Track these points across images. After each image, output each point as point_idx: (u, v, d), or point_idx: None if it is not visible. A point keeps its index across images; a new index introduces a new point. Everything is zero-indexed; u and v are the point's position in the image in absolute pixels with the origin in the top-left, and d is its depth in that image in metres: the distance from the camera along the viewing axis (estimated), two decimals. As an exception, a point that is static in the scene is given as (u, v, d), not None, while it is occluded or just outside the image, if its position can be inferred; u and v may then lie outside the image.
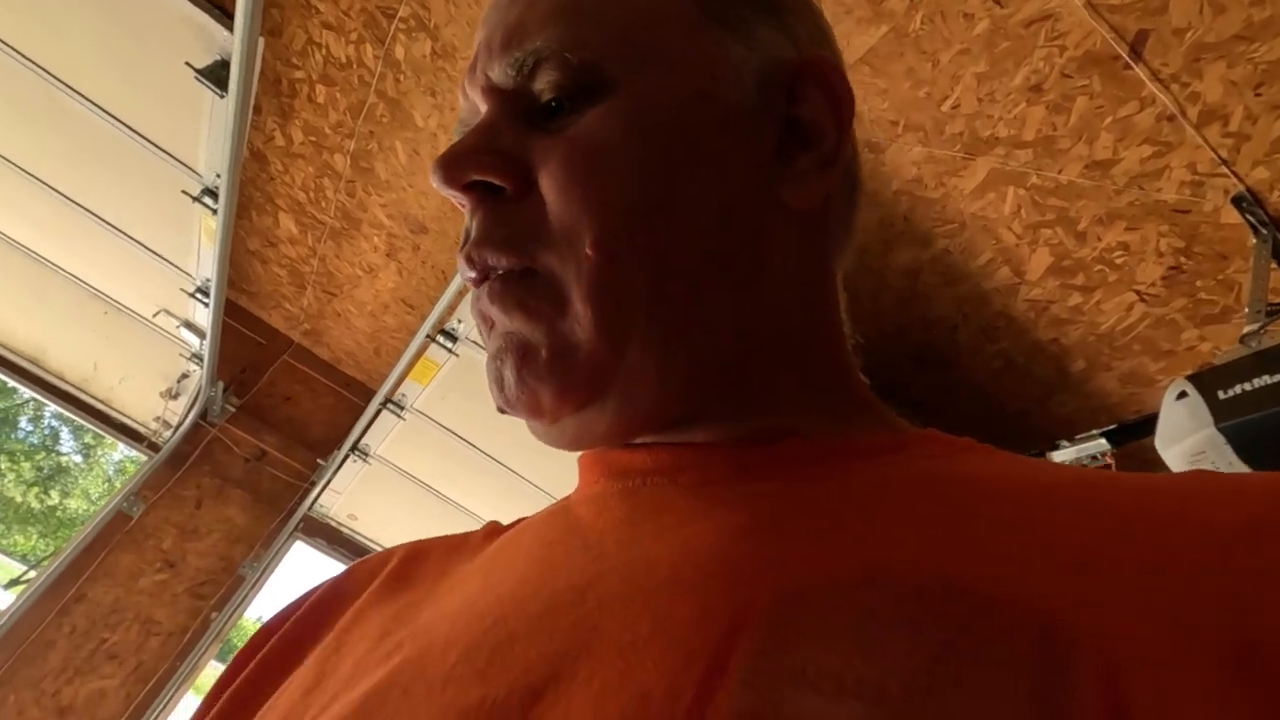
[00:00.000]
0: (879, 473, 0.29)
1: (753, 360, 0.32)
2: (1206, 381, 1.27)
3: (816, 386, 0.34)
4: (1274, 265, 1.41)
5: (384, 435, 2.43)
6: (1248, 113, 1.29)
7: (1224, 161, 1.35)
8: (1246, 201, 1.39)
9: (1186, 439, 1.31)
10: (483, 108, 0.34)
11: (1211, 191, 1.41)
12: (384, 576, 0.36)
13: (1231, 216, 1.42)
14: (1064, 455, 1.62)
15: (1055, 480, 0.26)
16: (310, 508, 2.70)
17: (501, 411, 0.33)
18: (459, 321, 1.93)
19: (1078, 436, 1.61)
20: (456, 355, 1.98)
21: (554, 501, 0.37)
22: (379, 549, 2.89)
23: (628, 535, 0.28)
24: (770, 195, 0.33)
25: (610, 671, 0.21)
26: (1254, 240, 1.41)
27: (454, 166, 0.32)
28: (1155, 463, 1.54)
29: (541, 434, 0.34)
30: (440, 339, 1.97)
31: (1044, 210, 1.53)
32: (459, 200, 0.33)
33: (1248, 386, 1.24)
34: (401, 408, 2.27)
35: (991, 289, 1.68)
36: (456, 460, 2.36)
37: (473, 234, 0.32)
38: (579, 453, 0.36)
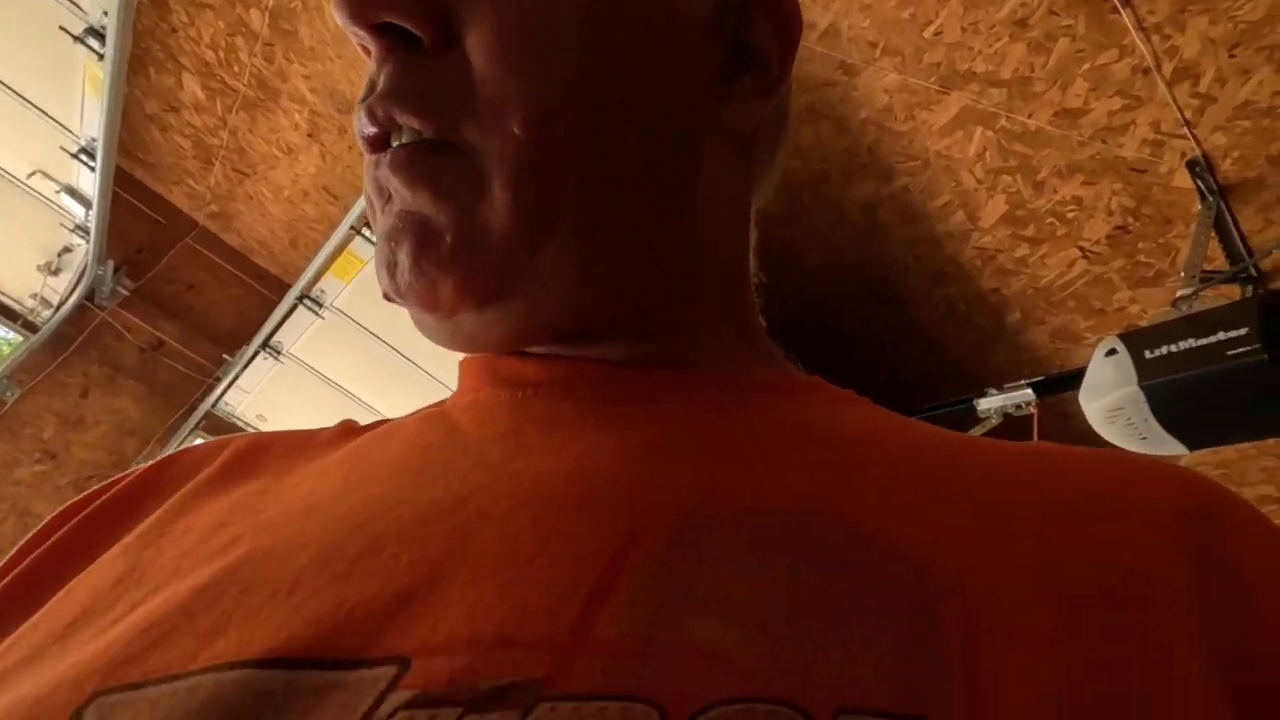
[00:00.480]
0: (773, 412, 0.29)
1: (666, 279, 0.31)
2: (1136, 341, 1.31)
3: (722, 318, 0.33)
4: (1213, 234, 1.44)
5: (299, 333, 2.26)
6: (1219, 74, 1.28)
7: (1187, 123, 1.35)
8: (1200, 166, 1.41)
9: (1108, 395, 1.35)
10: None
11: (1169, 153, 1.41)
12: (218, 465, 0.31)
13: (1183, 180, 1.43)
14: (991, 402, 1.66)
15: (927, 438, 0.28)
16: (214, 405, 2.52)
17: (388, 299, 0.30)
18: (388, 215, 1.78)
19: (1006, 385, 1.65)
20: (384, 252, 1.84)
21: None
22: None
23: (514, 446, 0.27)
24: (710, 111, 0.32)
25: (489, 583, 0.20)
26: (1199, 206, 1.44)
27: (372, 9, 0.27)
28: (1073, 416, 1.60)
29: (431, 329, 0.31)
30: (366, 233, 1.80)
31: (1008, 155, 1.50)
32: (365, 43, 0.29)
33: (1174, 348, 1.28)
34: (320, 305, 2.10)
35: (945, 233, 1.66)
36: (379, 365, 2.22)
37: (379, 86, 0.28)
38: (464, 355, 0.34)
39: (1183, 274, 1.38)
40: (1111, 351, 1.35)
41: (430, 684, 0.17)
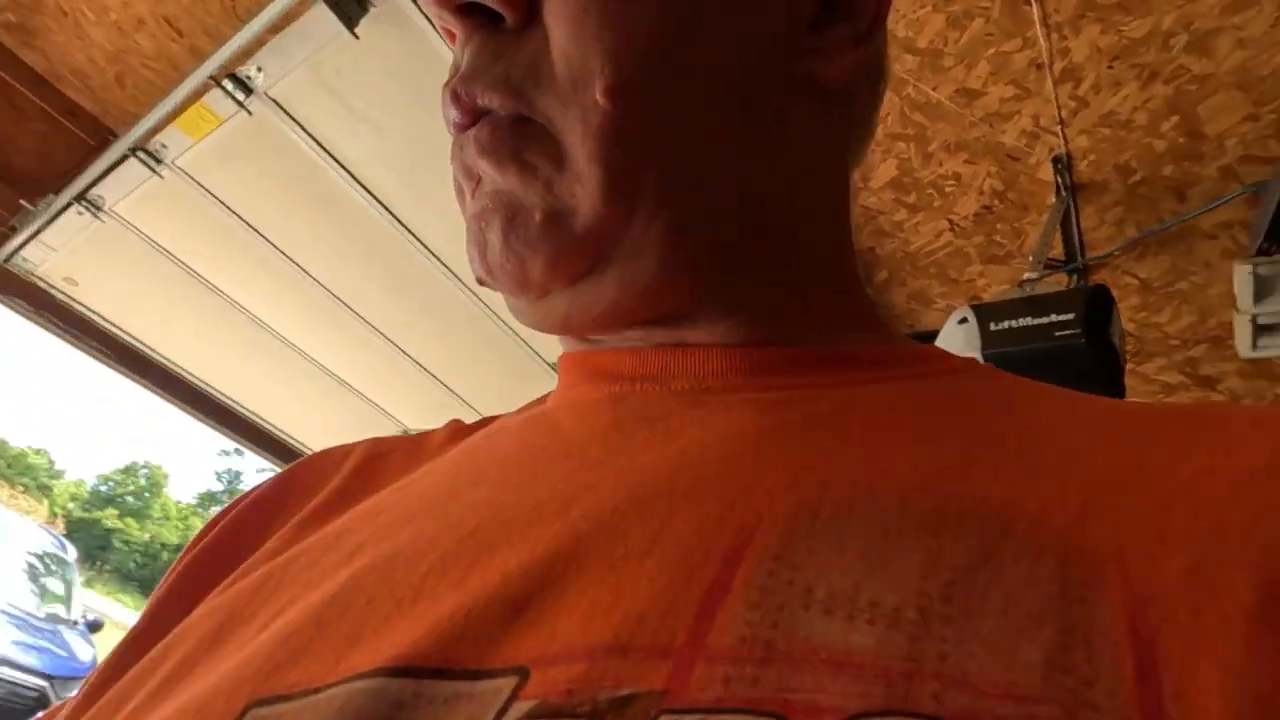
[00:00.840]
0: (886, 386, 0.27)
1: (759, 247, 0.30)
2: (984, 313, 1.47)
3: (821, 289, 0.32)
4: (1058, 230, 1.62)
5: (127, 189, 1.93)
6: (1096, 81, 1.41)
7: (1061, 121, 1.49)
8: (1062, 164, 1.56)
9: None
10: None
11: (1040, 146, 1.55)
12: (341, 478, 0.33)
13: (1046, 174, 1.59)
14: (853, 352, 1.80)
15: (1065, 404, 0.25)
16: (9, 259, 2.13)
17: (481, 283, 0.30)
18: (258, 70, 1.53)
19: (868, 338, 1.79)
20: (249, 112, 1.59)
21: (502, 415, 0.35)
22: (103, 323, 2.42)
23: (617, 443, 0.26)
24: (797, 64, 0.30)
25: (601, 588, 0.20)
26: (1053, 200, 1.61)
27: None
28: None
29: (526, 314, 0.31)
30: (228, 85, 1.56)
31: (907, 123, 1.58)
32: (450, 25, 0.30)
33: (1014, 324, 1.45)
34: (158, 161, 1.81)
35: (838, 187, 1.73)
36: (227, 241, 1.97)
37: (463, 67, 0.29)
38: (543, 334, 0.33)
39: (1031, 258, 1.55)
40: (964, 320, 1.50)
41: (549, 694, 0.17)
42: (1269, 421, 0.22)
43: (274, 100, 1.58)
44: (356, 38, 1.45)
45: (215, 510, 0.36)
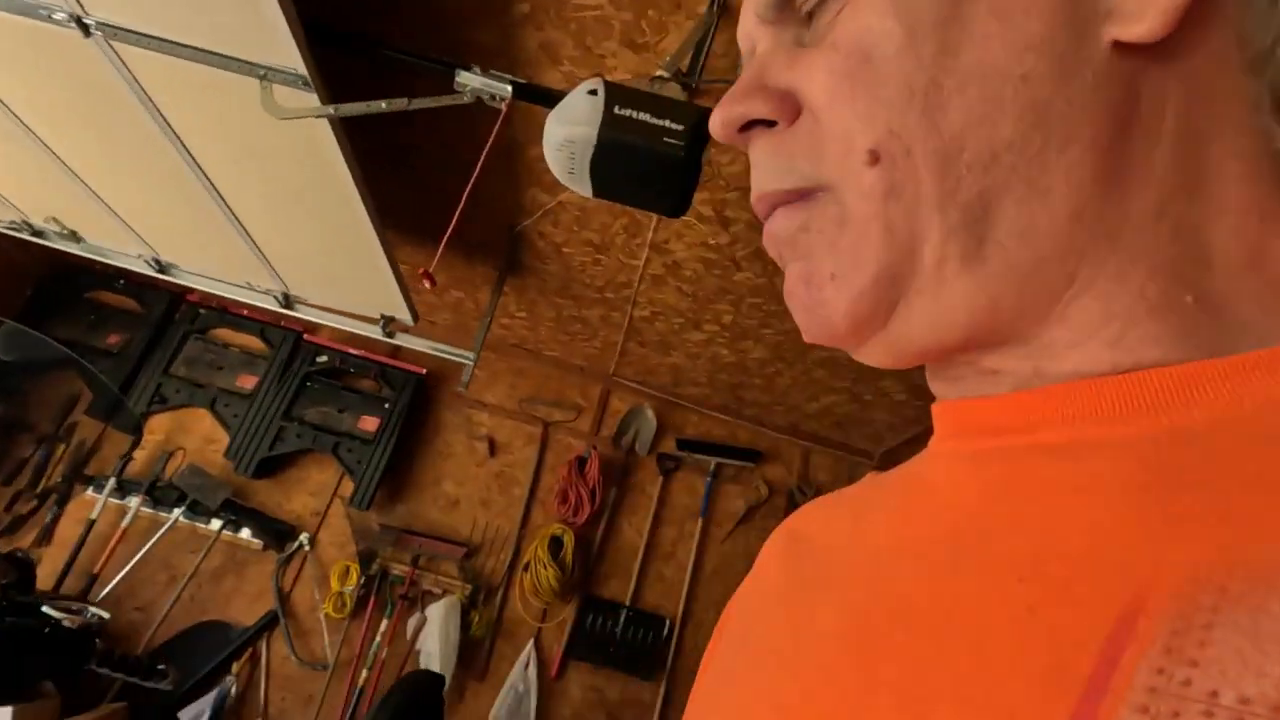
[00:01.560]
0: None
1: (1107, 250, 0.27)
2: (615, 93, 1.45)
3: (1216, 273, 0.27)
4: (707, 43, 1.67)
5: None
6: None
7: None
8: (725, -22, 1.57)
9: (572, 128, 1.49)
10: (757, 47, 0.34)
11: (718, -52, 1.53)
12: (781, 548, 0.39)
13: (709, -22, 1.58)
14: (471, 80, 1.61)
15: None
16: None
17: (812, 342, 0.32)
18: None
19: (491, 71, 1.61)
20: None
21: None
22: None
23: (983, 520, 0.26)
24: (1097, 37, 0.27)
25: (975, 686, 0.19)
26: (704, 10, 1.63)
27: (731, 112, 0.32)
28: (538, 123, 1.70)
29: (861, 357, 0.33)
30: None
31: None
32: (737, 142, 0.33)
33: (635, 115, 1.47)
34: None
35: None
36: None
37: (758, 171, 0.33)
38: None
39: (668, 59, 1.57)
40: (593, 92, 1.46)
41: None
42: None
43: None
44: None
45: None
